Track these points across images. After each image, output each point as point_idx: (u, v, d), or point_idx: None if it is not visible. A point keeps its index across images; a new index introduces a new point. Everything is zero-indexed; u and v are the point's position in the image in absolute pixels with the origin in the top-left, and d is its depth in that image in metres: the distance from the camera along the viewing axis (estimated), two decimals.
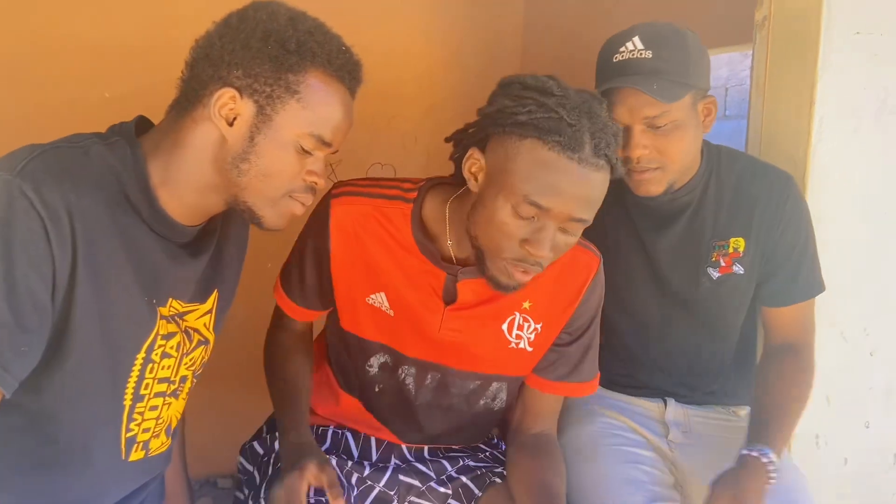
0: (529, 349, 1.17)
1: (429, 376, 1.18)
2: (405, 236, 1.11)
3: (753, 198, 1.28)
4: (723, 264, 1.30)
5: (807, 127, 1.36)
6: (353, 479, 1.17)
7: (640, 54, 1.16)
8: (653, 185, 1.21)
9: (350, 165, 2.05)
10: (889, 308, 1.49)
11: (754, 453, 1.19)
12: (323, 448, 1.22)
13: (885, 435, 1.53)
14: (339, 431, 1.27)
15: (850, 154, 1.40)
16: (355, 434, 1.26)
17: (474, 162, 1.02)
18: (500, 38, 2.35)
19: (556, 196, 0.94)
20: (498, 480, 1.21)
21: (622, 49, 1.18)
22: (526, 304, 1.14)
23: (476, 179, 1.02)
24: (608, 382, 1.38)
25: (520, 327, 1.15)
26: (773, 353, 1.33)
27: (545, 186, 0.94)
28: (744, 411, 1.40)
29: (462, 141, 1.08)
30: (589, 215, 0.99)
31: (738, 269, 1.30)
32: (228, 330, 1.17)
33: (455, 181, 1.12)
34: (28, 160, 0.80)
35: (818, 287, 1.31)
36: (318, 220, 1.15)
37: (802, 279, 1.30)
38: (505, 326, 1.14)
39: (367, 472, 1.19)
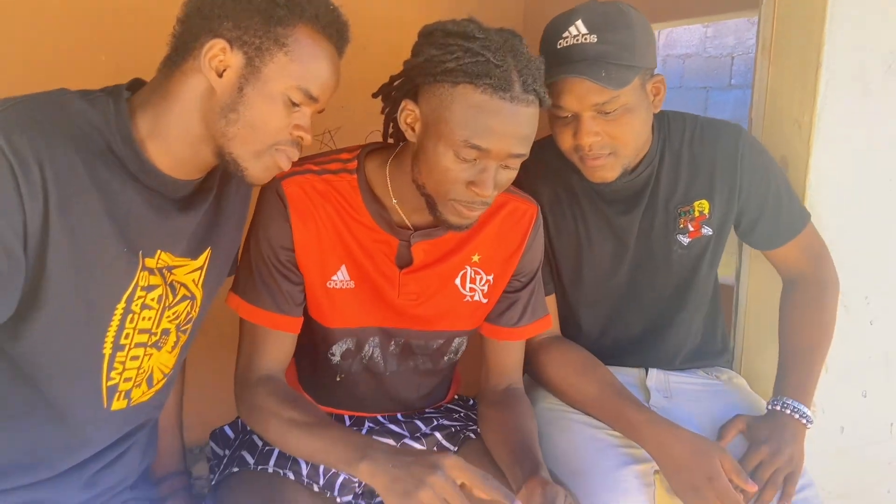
0: (484, 301, 1.21)
1: (392, 342, 1.20)
2: (357, 208, 1.12)
3: (709, 159, 1.29)
4: (691, 229, 1.31)
5: (813, 90, 1.33)
6: None
7: (585, 39, 1.13)
8: (607, 171, 1.20)
9: (349, 132, 2.03)
10: (890, 277, 1.48)
11: (787, 411, 1.20)
12: None
13: (883, 404, 1.53)
14: None
15: (857, 117, 1.38)
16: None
17: (409, 113, 1.04)
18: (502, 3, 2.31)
19: (493, 136, 0.97)
20: (472, 436, 1.24)
21: (565, 35, 1.14)
22: (475, 258, 1.19)
23: (413, 130, 1.04)
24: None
25: (472, 280, 1.19)
26: (785, 293, 1.37)
27: (483, 129, 0.97)
28: (725, 375, 1.43)
29: (391, 95, 1.10)
30: (525, 149, 1.02)
31: (707, 230, 1.31)
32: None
33: (388, 142, 1.15)
34: None
35: (803, 220, 1.33)
36: (272, 208, 1.10)
37: (785, 218, 1.32)
38: (458, 281, 1.18)
39: None
